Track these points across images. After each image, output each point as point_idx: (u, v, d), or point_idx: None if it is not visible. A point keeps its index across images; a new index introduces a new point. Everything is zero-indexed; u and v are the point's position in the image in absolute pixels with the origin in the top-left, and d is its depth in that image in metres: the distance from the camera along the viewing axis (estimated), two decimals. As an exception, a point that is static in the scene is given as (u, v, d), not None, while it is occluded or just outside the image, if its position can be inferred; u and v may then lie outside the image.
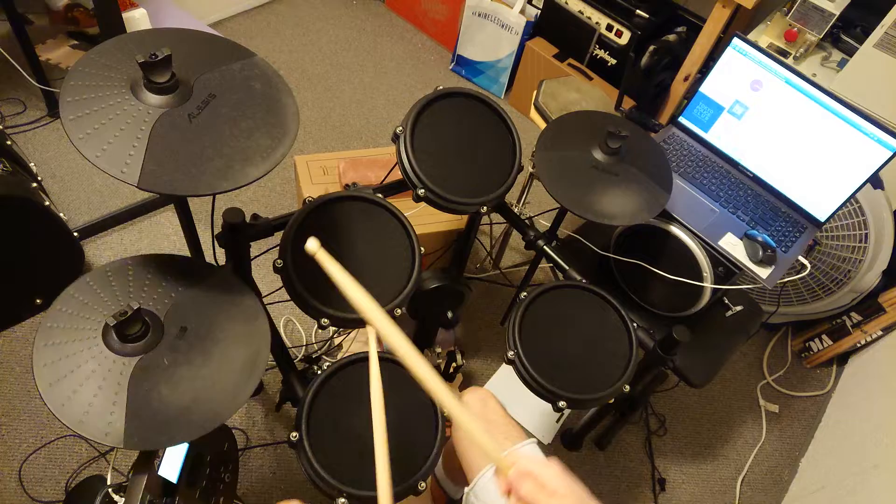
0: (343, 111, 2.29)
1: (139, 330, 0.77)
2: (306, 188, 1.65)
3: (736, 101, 1.33)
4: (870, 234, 1.56)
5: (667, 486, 1.64)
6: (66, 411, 0.72)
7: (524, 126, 1.74)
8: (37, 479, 1.34)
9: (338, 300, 0.99)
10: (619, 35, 2.10)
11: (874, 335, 1.79)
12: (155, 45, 0.79)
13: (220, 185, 0.79)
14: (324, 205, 1.05)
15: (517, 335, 1.05)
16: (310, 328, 1.70)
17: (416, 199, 1.08)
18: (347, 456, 0.91)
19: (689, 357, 1.33)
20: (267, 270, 1.04)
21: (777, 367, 1.95)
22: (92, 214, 1.75)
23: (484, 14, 2.32)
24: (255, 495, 1.42)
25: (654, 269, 1.27)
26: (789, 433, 1.82)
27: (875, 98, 1.50)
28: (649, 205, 1.15)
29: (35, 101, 1.96)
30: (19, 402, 1.43)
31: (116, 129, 0.77)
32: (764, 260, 1.22)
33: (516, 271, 1.95)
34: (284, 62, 2.41)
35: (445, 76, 2.55)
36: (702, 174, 1.36)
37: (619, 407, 1.52)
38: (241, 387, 0.80)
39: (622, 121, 1.32)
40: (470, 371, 1.71)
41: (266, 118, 0.86)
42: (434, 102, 1.13)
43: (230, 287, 0.89)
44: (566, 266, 1.24)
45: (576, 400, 1.02)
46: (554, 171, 1.15)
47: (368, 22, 2.69)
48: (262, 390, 1.56)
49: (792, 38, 1.68)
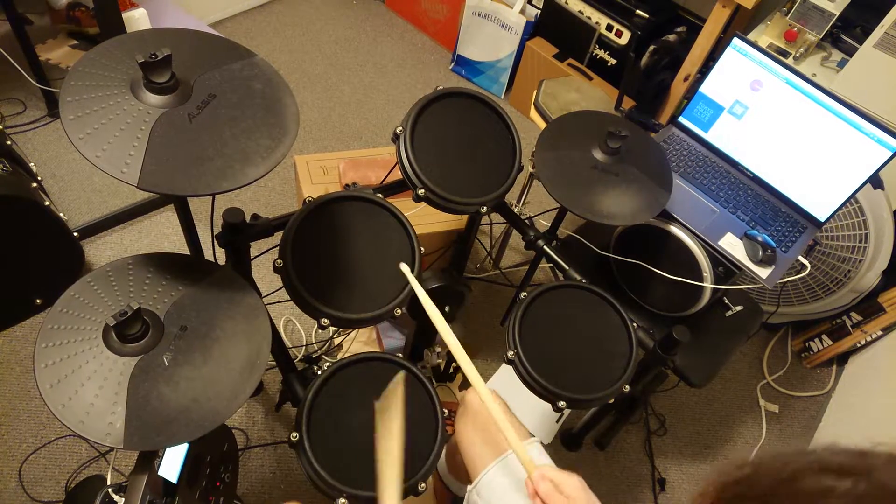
0: (343, 111, 2.29)
1: (139, 330, 0.77)
2: (306, 188, 1.65)
3: (736, 101, 1.33)
4: (870, 234, 1.56)
5: (667, 486, 1.64)
6: (67, 412, 0.72)
7: (524, 126, 1.75)
8: (37, 479, 1.34)
9: (338, 300, 0.99)
10: (619, 35, 2.10)
11: (874, 335, 1.79)
12: (155, 45, 0.79)
13: (220, 185, 0.79)
14: (324, 205, 1.05)
15: (517, 335, 1.04)
16: (310, 328, 1.70)
17: (416, 199, 1.08)
18: (347, 456, 0.91)
19: (689, 357, 1.33)
20: (267, 270, 1.04)
21: (777, 367, 1.95)
22: (92, 214, 1.75)
23: (484, 14, 2.32)
24: (255, 495, 1.42)
25: (654, 269, 1.27)
26: (789, 433, 1.82)
27: (875, 98, 1.50)
28: (649, 205, 1.15)
29: (35, 101, 1.96)
30: (19, 402, 1.43)
31: (116, 129, 0.77)
32: (764, 260, 1.22)
33: (516, 271, 1.95)
34: (284, 62, 2.41)
35: (445, 76, 2.55)
36: (702, 174, 1.36)
37: (619, 407, 1.52)
38: (241, 387, 0.80)
39: (622, 121, 1.32)
40: (470, 371, 1.70)
41: (266, 118, 0.86)
42: (434, 102, 1.13)
43: (231, 285, 0.89)
44: (566, 266, 1.24)
45: (576, 400, 1.02)
46: (554, 171, 1.15)
47: (368, 22, 2.69)
48: (262, 390, 1.56)
49: (792, 38, 1.68)
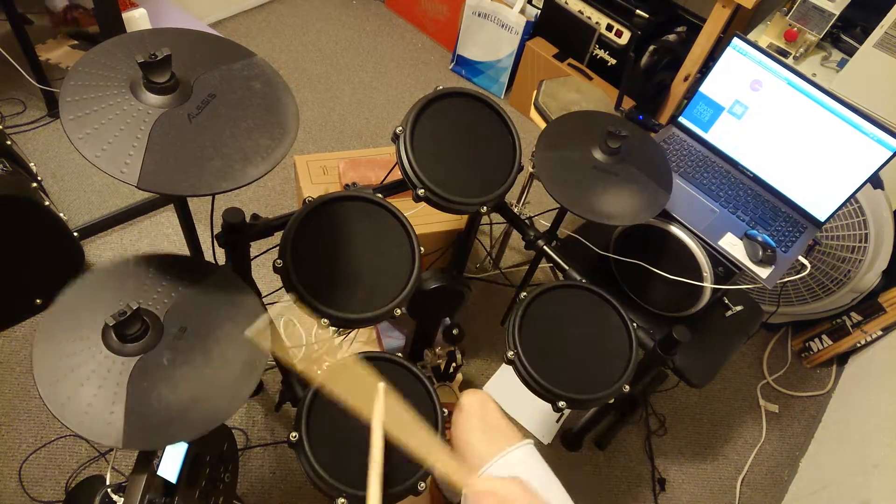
0: (343, 111, 2.29)
1: (138, 330, 0.77)
2: (306, 188, 1.65)
3: (736, 101, 1.33)
4: (870, 234, 1.56)
5: (667, 486, 1.64)
6: (67, 412, 0.72)
7: (524, 126, 1.75)
8: (37, 479, 1.34)
9: (338, 300, 0.99)
10: (619, 35, 2.10)
11: (874, 335, 1.79)
12: (155, 45, 0.79)
13: (220, 185, 0.79)
14: (324, 205, 1.05)
15: (517, 335, 1.04)
16: (310, 328, 1.70)
17: (416, 199, 1.08)
18: (347, 456, 0.91)
19: (689, 357, 1.33)
20: (267, 270, 1.04)
21: (777, 367, 1.95)
22: (92, 214, 1.75)
23: (484, 14, 2.32)
24: (255, 495, 1.42)
25: (654, 269, 1.27)
26: (789, 433, 1.82)
27: (875, 98, 1.50)
28: (649, 205, 1.15)
29: (35, 101, 1.96)
30: (19, 402, 1.43)
31: (116, 129, 0.77)
32: (764, 260, 1.22)
33: (516, 271, 1.95)
34: (284, 62, 2.41)
35: (445, 76, 2.55)
36: (702, 174, 1.36)
37: (619, 407, 1.52)
38: (240, 386, 0.80)
39: (622, 121, 1.32)
40: (470, 371, 1.70)
41: (266, 118, 0.86)
42: (434, 102, 1.13)
43: (230, 286, 0.89)
44: (566, 266, 1.24)
45: (576, 400, 1.02)
46: (554, 171, 1.15)
47: (368, 22, 2.69)
48: (261, 390, 1.56)
49: (792, 38, 1.68)
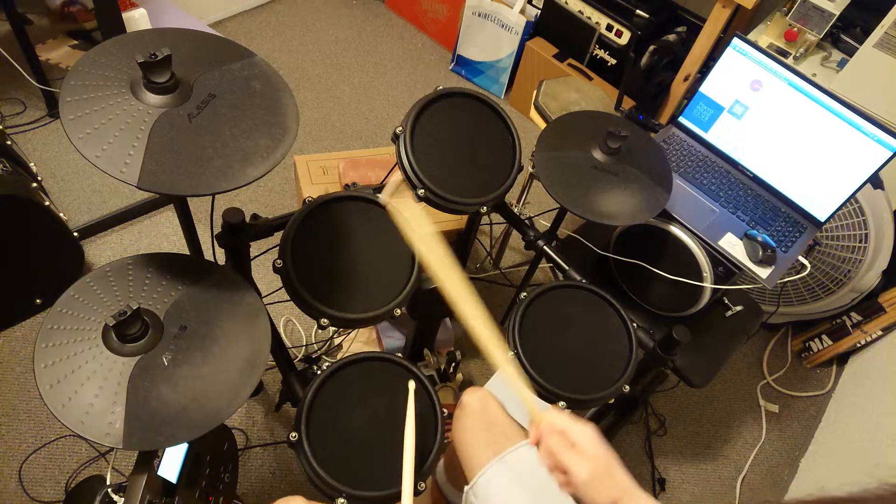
0: (343, 111, 2.29)
1: (138, 330, 0.77)
2: (306, 188, 1.66)
3: (736, 101, 1.33)
4: (870, 234, 1.56)
5: (667, 486, 1.64)
6: (67, 413, 0.72)
7: (524, 126, 1.75)
8: (37, 479, 1.34)
9: (338, 300, 0.99)
10: (619, 35, 2.10)
11: (874, 335, 1.79)
12: (155, 45, 0.79)
13: (220, 185, 0.79)
14: (324, 205, 1.05)
15: (517, 335, 1.05)
16: (310, 328, 1.70)
17: (416, 199, 1.08)
18: (347, 456, 0.91)
19: (689, 357, 1.33)
20: (267, 270, 1.04)
21: (777, 367, 1.95)
22: (92, 214, 1.75)
23: (484, 14, 2.32)
24: (255, 495, 1.42)
25: (654, 269, 1.27)
26: (789, 433, 1.82)
27: (875, 98, 1.50)
28: (649, 205, 1.15)
29: (35, 101, 1.96)
30: (19, 402, 1.43)
31: (116, 129, 0.77)
32: (764, 260, 1.22)
33: (516, 271, 1.95)
34: (284, 62, 2.41)
35: (445, 76, 2.55)
36: (702, 174, 1.36)
37: (619, 407, 1.52)
38: (240, 386, 0.80)
39: (622, 121, 1.32)
40: (470, 371, 1.71)
41: (266, 118, 0.86)
42: (434, 102, 1.13)
43: (230, 285, 0.89)
44: (566, 266, 1.24)
45: (576, 400, 1.02)
46: (554, 171, 1.15)
47: (368, 22, 2.69)
48: (261, 390, 1.56)
49: (792, 38, 1.68)
